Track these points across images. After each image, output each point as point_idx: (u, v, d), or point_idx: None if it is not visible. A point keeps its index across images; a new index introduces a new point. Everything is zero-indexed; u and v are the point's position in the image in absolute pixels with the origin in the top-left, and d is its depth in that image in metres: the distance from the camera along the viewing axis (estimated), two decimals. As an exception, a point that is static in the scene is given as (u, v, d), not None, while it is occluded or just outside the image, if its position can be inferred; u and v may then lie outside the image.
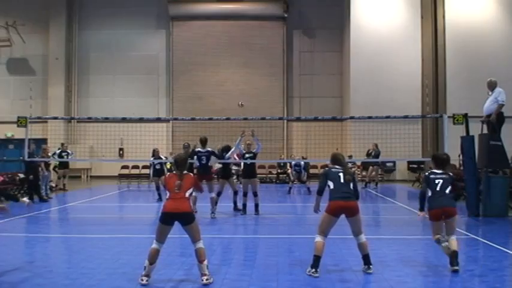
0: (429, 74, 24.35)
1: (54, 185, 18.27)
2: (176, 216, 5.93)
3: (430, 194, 6.53)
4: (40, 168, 15.16)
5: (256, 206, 11.91)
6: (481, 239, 8.78)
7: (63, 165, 18.89)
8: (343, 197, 6.28)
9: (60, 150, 18.51)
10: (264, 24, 26.08)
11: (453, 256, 6.27)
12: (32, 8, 25.97)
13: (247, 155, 12.32)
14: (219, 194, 11.93)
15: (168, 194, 6.05)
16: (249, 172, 12.20)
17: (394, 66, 23.38)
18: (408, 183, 21.90)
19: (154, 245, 5.95)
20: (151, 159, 15.48)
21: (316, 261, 6.16)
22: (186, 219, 5.94)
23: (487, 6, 23.48)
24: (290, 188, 18.21)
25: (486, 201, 11.37)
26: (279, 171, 23.62)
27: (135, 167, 23.75)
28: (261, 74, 25.94)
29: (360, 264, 6.39)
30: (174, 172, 6.18)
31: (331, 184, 6.40)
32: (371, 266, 6.30)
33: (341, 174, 6.44)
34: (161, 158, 15.47)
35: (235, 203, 12.42)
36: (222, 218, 11.65)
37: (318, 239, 6.26)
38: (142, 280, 5.79)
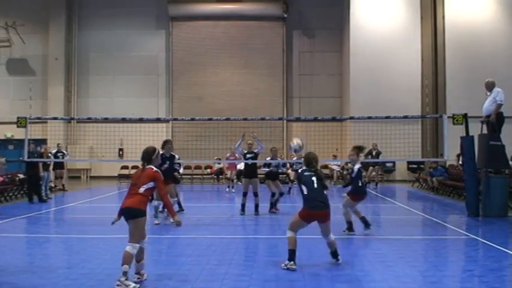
0: (429, 74, 24.33)
1: (53, 185, 18.27)
2: (123, 211, 5.78)
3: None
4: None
5: (256, 206, 11.90)
6: (480, 239, 8.77)
7: (59, 165, 18.83)
8: (318, 207, 6.46)
9: (55, 151, 18.48)
10: (264, 24, 26.07)
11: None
12: (31, 9, 25.94)
13: (248, 155, 12.28)
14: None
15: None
16: (250, 172, 12.17)
17: (394, 67, 23.36)
18: (408, 183, 21.88)
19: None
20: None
21: (292, 255, 6.40)
22: (128, 213, 5.73)
23: (487, 6, 23.47)
24: (290, 188, 18.19)
25: (486, 201, 11.38)
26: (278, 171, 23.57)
27: (135, 167, 23.70)
28: (260, 74, 25.93)
29: (360, 264, 6.40)
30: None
31: (304, 189, 6.53)
32: (339, 257, 6.64)
33: (314, 179, 6.56)
34: None
35: (271, 203, 12.33)
36: (222, 218, 11.65)
37: (290, 234, 6.51)
38: (134, 278, 5.90)
